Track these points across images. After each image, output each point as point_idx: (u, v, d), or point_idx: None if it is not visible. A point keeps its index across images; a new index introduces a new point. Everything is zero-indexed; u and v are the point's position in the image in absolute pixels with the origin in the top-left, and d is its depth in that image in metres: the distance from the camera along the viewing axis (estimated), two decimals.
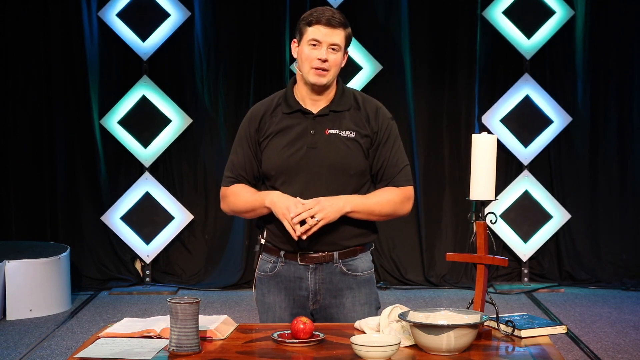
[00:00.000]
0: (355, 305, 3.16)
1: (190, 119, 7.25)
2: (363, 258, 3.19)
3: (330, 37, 3.06)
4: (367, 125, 3.13)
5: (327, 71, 3.07)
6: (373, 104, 3.19)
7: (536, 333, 2.79)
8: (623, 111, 7.28)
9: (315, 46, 3.06)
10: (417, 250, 7.32)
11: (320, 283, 3.14)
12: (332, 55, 3.06)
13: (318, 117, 3.12)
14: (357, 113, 3.14)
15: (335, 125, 3.11)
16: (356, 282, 3.16)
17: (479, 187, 2.81)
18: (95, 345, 2.73)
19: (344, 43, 3.09)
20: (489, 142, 2.82)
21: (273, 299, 3.20)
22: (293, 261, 3.14)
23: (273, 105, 3.18)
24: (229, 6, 7.24)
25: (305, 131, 3.11)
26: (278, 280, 3.18)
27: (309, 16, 3.09)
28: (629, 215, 7.31)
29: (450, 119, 7.28)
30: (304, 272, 3.14)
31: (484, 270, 2.82)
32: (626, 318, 6.26)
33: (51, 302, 6.48)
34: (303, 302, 3.16)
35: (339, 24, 3.06)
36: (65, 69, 7.23)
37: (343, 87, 3.18)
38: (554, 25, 7.19)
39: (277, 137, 3.13)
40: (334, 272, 3.14)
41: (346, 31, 3.09)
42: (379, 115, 3.15)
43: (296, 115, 3.13)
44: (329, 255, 3.12)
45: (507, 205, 7.27)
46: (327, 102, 3.14)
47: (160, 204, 7.27)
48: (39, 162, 7.27)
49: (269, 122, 3.15)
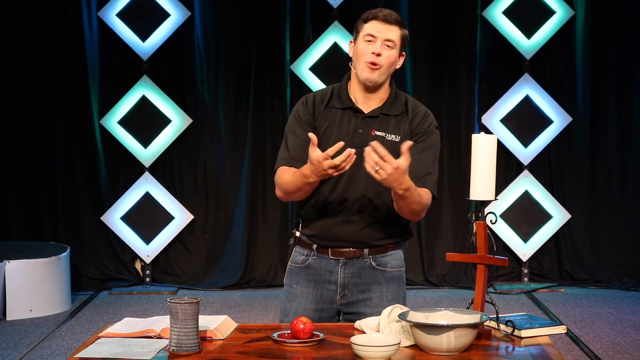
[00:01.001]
0: (382, 301, 3.18)
1: (190, 119, 7.25)
2: (394, 255, 3.22)
3: (385, 32, 3.09)
4: (409, 128, 3.14)
5: (380, 67, 3.08)
6: (422, 109, 3.20)
7: (536, 333, 2.79)
8: (623, 111, 7.29)
9: (371, 42, 3.09)
10: (417, 250, 7.32)
11: (349, 277, 3.18)
12: (386, 51, 3.09)
13: (367, 117, 3.14)
14: (404, 117, 3.16)
15: (382, 127, 3.13)
16: (385, 278, 3.20)
17: (479, 187, 2.81)
18: (95, 345, 2.73)
19: (400, 42, 3.11)
20: (489, 142, 2.82)
21: (301, 290, 3.23)
22: (325, 255, 3.19)
23: (327, 97, 3.20)
24: (229, 6, 7.24)
25: (354, 130, 3.14)
26: (309, 273, 3.22)
27: (366, 14, 3.13)
28: (629, 215, 7.31)
29: (450, 119, 7.28)
30: (335, 266, 3.19)
31: (484, 270, 2.82)
32: (626, 318, 6.26)
33: (51, 302, 6.48)
34: (331, 297, 3.20)
35: (395, 21, 3.10)
36: (65, 69, 7.23)
37: (397, 92, 3.20)
38: (554, 25, 7.19)
39: (327, 132, 3.15)
40: (363, 267, 3.18)
41: (402, 31, 3.12)
42: (424, 120, 3.17)
43: (347, 112, 3.16)
44: (360, 251, 3.16)
45: (507, 205, 7.27)
46: (379, 104, 3.16)
47: (160, 204, 7.27)
48: (39, 162, 7.27)
49: (323, 113, 3.16)
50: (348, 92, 3.18)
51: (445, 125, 7.27)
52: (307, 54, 7.16)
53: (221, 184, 7.34)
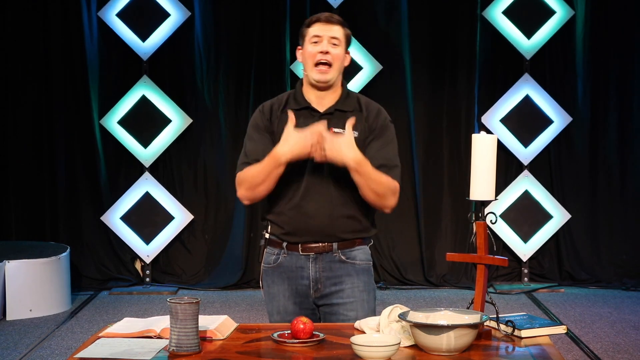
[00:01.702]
0: (354, 291, 3.27)
1: (190, 119, 7.25)
2: (361, 250, 3.32)
3: (329, 31, 3.23)
4: (365, 125, 3.25)
5: (329, 66, 3.22)
6: (375, 106, 3.33)
7: (536, 333, 2.80)
8: (623, 111, 7.28)
9: (317, 42, 3.23)
10: (417, 250, 7.32)
11: (320, 272, 3.27)
12: (333, 49, 3.22)
13: (324, 115, 3.25)
14: (359, 115, 3.26)
15: (339, 124, 3.22)
16: (354, 270, 3.29)
17: (479, 187, 2.81)
18: (95, 345, 2.73)
19: (344, 40, 3.26)
20: (489, 142, 2.82)
21: (277, 289, 3.34)
22: (295, 252, 3.28)
23: (282, 102, 3.32)
24: (229, 6, 7.24)
25: None
26: (281, 271, 3.32)
27: (308, 19, 3.29)
28: (629, 215, 7.30)
29: (450, 119, 7.28)
30: (305, 262, 3.28)
31: (484, 270, 2.82)
32: (626, 318, 6.25)
33: (51, 302, 6.48)
34: (305, 291, 3.29)
35: (337, 21, 3.27)
36: (65, 69, 7.23)
37: (348, 90, 3.33)
38: (554, 25, 7.19)
39: None
40: (333, 261, 3.27)
41: (345, 30, 3.28)
42: (379, 115, 3.29)
43: (303, 113, 3.26)
44: (329, 245, 3.25)
45: (507, 205, 7.27)
46: (332, 102, 3.28)
47: (160, 204, 7.27)
48: (39, 162, 7.27)
49: (279, 117, 3.28)
50: (303, 94, 3.30)
51: (446, 125, 7.28)
52: None
53: (221, 184, 7.34)
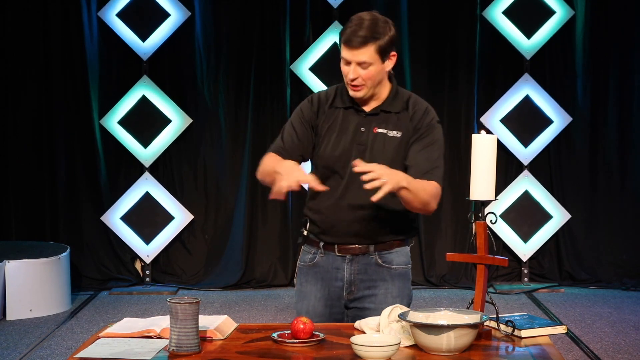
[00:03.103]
0: (387, 297, 3.22)
1: (190, 119, 7.25)
2: (400, 252, 3.28)
3: (356, 56, 3.11)
4: (410, 124, 3.19)
5: (361, 87, 3.14)
6: (422, 105, 3.24)
7: (536, 333, 2.80)
8: (623, 111, 7.28)
9: (348, 64, 3.13)
10: (417, 250, 7.32)
11: (355, 274, 3.23)
12: (362, 71, 3.12)
13: (369, 115, 3.20)
14: (405, 114, 3.21)
15: (383, 124, 3.18)
16: (390, 275, 3.25)
17: (479, 187, 2.81)
18: (95, 345, 2.73)
19: (377, 56, 3.11)
20: (489, 142, 2.82)
21: (310, 289, 3.28)
22: (331, 252, 3.24)
23: (330, 98, 3.26)
24: (229, 6, 7.24)
25: (356, 128, 3.19)
26: (316, 271, 3.27)
27: (342, 33, 3.15)
28: (629, 215, 7.30)
29: (450, 119, 7.28)
30: (341, 263, 3.23)
31: (484, 270, 2.82)
32: (626, 318, 6.26)
33: (51, 302, 6.48)
34: (338, 293, 3.25)
35: (361, 43, 3.09)
36: (65, 69, 7.22)
37: (398, 89, 3.24)
38: (554, 25, 7.18)
39: (330, 131, 3.21)
40: (369, 264, 3.23)
41: (375, 45, 3.10)
42: (425, 114, 3.21)
43: (349, 111, 3.21)
44: (365, 247, 3.21)
45: (507, 205, 7.27)
46: (379, 102, 3.21)
47: (160, 204, 7.26)
48: (39, 162, 7.27)
49: (327, 112, 3.23)
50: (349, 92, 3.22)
51: (446, 125, 7.27)
52: (307, 54, 7.16)
53: (221, 184, 7.34)
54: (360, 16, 3.17)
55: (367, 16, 3.17)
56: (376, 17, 3.17)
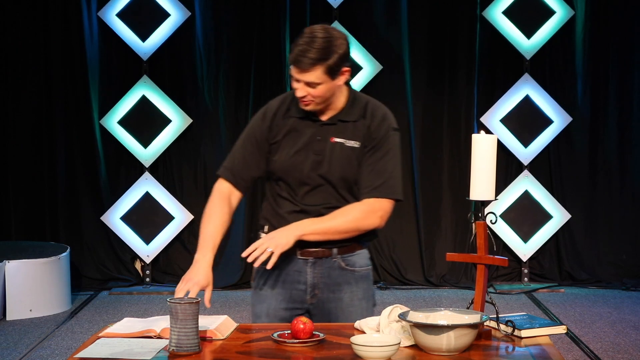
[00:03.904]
0: (353, 300, 3.18)
1: (190, 119, 7.25)
2: (361, 254, 3.22)
3: (303, 77, 3.03)
4: (367, 133, 3.12)
5: (310, 102, 3.07)
6: (380, 112, 3.15)
7: (536, 333, 2.79)
8: (623, 111, 7.29)
9: (297, 81, 3.06)
10: (417, 250, 7.32)
11: (318, 277, 3.17)
12: (311, 90, 3.04)
13: (325, 125, 3.13)
14: (362, 122, 3.13)
15: (341, 134, 3.11)
16: (354, 278, 3.19)
17: (479, 187, 2.81)
18: (95, 345, 2.73)
19: (325, 76, 3.01)
20: (489, 142, 2.82)
21: (270, 291, 3.21)
22: (292, 255, 3.16)
23: (285, 107, 3.19)
24: (229, 6, 7.24)
25: (312, 137, 3.13)
26: (277, 273, 3.20)
27: (292, 49, 3.06)
28: (629, 215, 7.30)
29: (450, 119, 7.28)
30: (303, 266, 3.17)
31: (484, 270, 2.82)
32: (626, 318, 6.26)
33: (51, 302, 6.48)
34: (300, 296, 3.18)
35: (309, 64, 2.99)
36: (65, 69, 7.23)
37: (355, 95, 3.17)
38: (554, 25, 7.19)
39: (286, 140, 3.15)
40: (332, 267, 3.17)
41: (324, 66, 2.99)
42: (382, 123, 3.13)
43: (305, 122, 3.14)
44: (328, 250, 3.15)
45: (507, 205, 7.27)
46: (336, 111, 3.13)
47: (160, 204, 7.27)
48: (39, 162, 7.27)
49: (281, 124, 3.16)
50: None
51: (445, 125, 7.28)
52: None
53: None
54: (312, 32, 3.03)
55: (319, 33, 3.02)
56: (328, 33, 3.02)
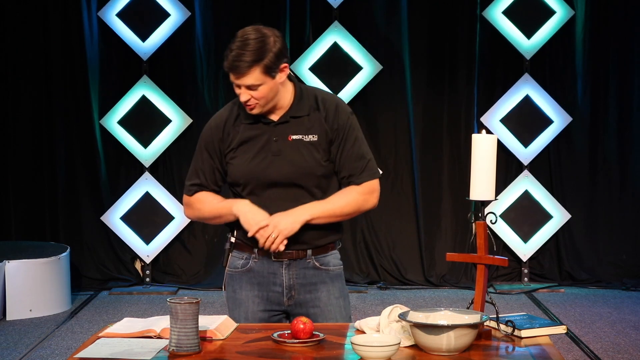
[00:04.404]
0: (330, 299, 3.20)
1: (190, 119, 7.25)
2: (334, 254, 3.25)
3: (242, 81, 3.04)
4: (326, 125, 3.13)
5: (255, 105, 3.07)
6: (332, 102, 3.17)
7: (536, 333, 2.79)
8: (623, 111, 7.28)
9: (238, 87, 3.07)
10: (417, 250, 7.32)
11: (294, 278, 3.17)
12: (254, 92, 3.05)
13: (279, 124, 3.13)
14: (316, 114, 3.14)
15: (297, 130, 3.12)
16: (329, 277, 3.21)
17: (479, 187, 2.81)
18: (95, 345, 2.73)
19: (262, 78, 3.03)
20: (489, 142, 2.82)
21: (245, 295, 3.20)
22: (266, 257, 3.16)
23: (234, 114, 3.18)
24: (229, 6, 7.24)
25: (268, 139, 3.12)
26: (250, 276, 3.19)
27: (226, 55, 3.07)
28: (629, 215, 7.30)
29: (450, 119, 7.28)
30: (278, 268, 3.17)
31: (484, 270, 2.82)
32: (626, 318, 6.26)
33: (51, 302, 6.48)
34: (277, 298, 3.19)
35: (245, 68, 3.01)
36: (65, 69, 7.23)
37: (302, 90, 3.17)
38: (554, 25, 7.18)
39: (242, 148, 3.15)
40: (307, 267, 3.18)
41: (260, 66, 3.02)
42: (338, 113, 3.14)
43: (258, 125, 3.14)
44: (303, 252, 3.17)
45: (507, 205, 7.26)
46: (285, 109, 3.14)
47: (160, 204, 7.27)
48: (39, 162, 7.27)
49: (232, 132, 3.16)
50: None
51: (445, 125, 7.28)
52: (307, 54, 7.16)
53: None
54: (244, 35, 3.07)
55: (251, 35, 3.05)
56: (260, 33, 3.06)
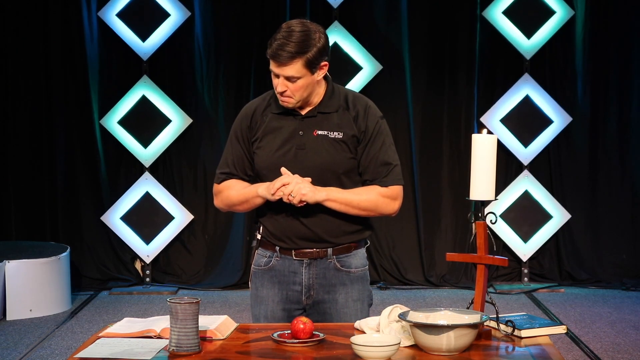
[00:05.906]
0: (347, 302, 3.20)
1: (190, 119, 7.25)
2: (357, 254, 3.23)
3: (283, 71, 3.04)
4: (354, 125, 3.14)
5: (290, 97, 3.09)
6: (363, 102, 3.19)
7: (536, 333, 2.80)
8: (623, 111, 7.28)
9: (276, 76, 3.07)
10: (417, 250, 7.32)
11: (314, 278, 3.18)
12: (291, 84, 3.06)
13: (306, 118, 3.15)
14: (345, 113, 3.15)
15: (323, 126, 3.13)
16: (349, 279, 3.20)
17: (479, 187, 2.81)
18: (95, 345, 2.73)
19: (305, 69, 3.04)
20: (489, 142, 2.82)
21: (267, 293, 3.23)
22: (288, 256, 3.19)
23: (265, 104, 3.21)
24: (229, 6, 7.24)
25: (294, 132, 3.14)
26: (272, 274, 3.22)
27: (270, 43, 3.05)
28: (629, 215, 7.30)
29: (450, 119, 7.28)
30: (298, 267, 3.19)
31: (484, 270, 2.82)
32: (626, 318, 6.26)
33: (51, 302, 6.48)
34: (297, 297, 3.20)
35: (288, 58, 3.01)
36: (65, 69, 7.23)
37: (333, 87, 3.19)
38: (554, 25, 7.19)
39: (268, 137, 3.17)
40: (327, 268, 3.19)
41: (303, 59, 3.02)
42: (368, 114, 3.16)
43: (285, 117, 3.16)
44: (323, 251, 3.17)
45: (507, 205, 7.27)
46: (315, 103, 3.16)
47: (160, 204, 7.27)
48: (39, 162, 7.27)
49: (260, 121, 3.19)
50: None
51: (445, 125, 7.28)
52: None
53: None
54: (289, 26, 3.04)
55: (296, 27, 3.04)
56: (306, 27, 3.05)
